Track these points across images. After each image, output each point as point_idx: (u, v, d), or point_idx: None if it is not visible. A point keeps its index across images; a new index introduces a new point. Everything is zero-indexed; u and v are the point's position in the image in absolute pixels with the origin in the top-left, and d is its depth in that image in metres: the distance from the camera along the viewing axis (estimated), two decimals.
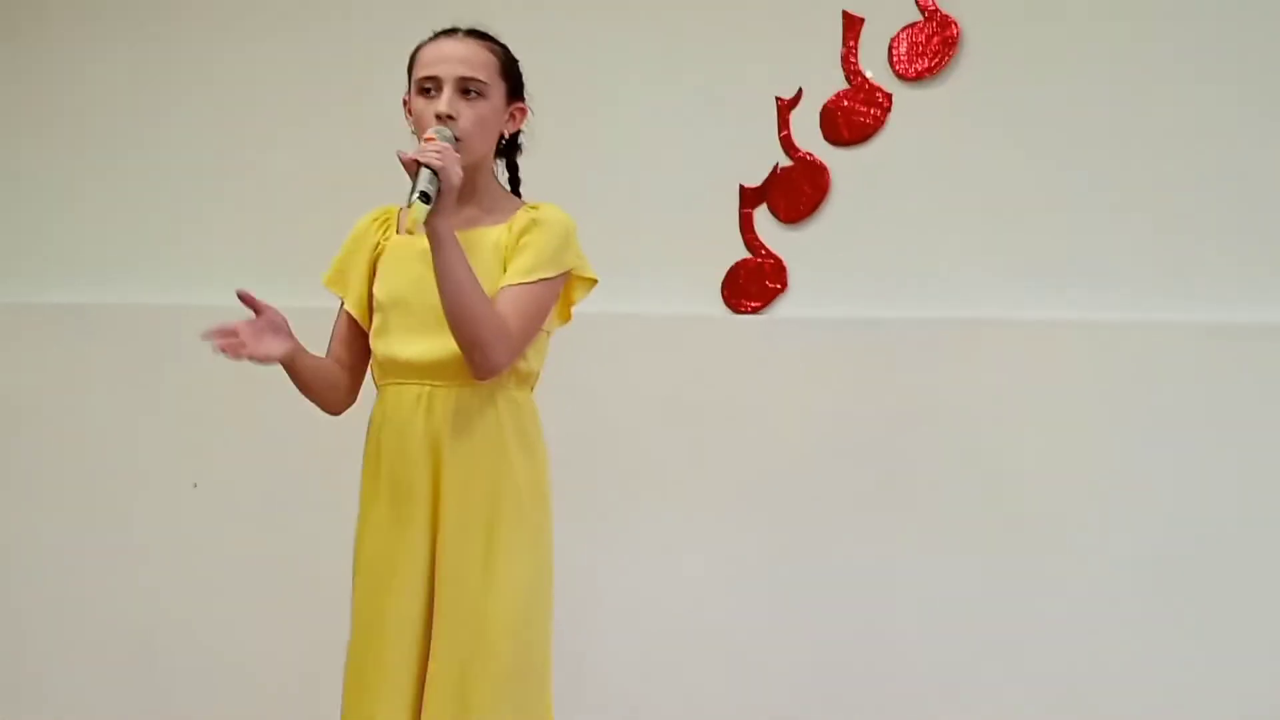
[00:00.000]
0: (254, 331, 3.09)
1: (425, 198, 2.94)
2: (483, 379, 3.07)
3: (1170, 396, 4.21)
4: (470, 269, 3.02)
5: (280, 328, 3.13)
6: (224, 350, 3.04)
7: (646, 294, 4.51)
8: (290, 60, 4.87)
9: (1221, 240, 4.22)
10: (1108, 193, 4.28)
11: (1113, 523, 4.23)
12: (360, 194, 3.44)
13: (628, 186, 4.56)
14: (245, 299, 3.11)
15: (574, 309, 3.25)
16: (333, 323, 3.30)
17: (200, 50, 4.96)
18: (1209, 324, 4.18)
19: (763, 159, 4.51)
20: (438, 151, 2.99)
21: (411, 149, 3.03)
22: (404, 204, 3.00)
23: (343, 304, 3.27)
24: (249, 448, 4.85)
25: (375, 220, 3.28)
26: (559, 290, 3.17)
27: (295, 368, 3.18)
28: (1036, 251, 4.32)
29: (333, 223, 3.42)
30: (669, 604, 4.50)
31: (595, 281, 3.22)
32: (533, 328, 3.11)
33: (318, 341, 3.29)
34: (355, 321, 3.26)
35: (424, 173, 2.96)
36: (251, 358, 3.07)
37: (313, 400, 3.26)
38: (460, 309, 3.01)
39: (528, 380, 3.18)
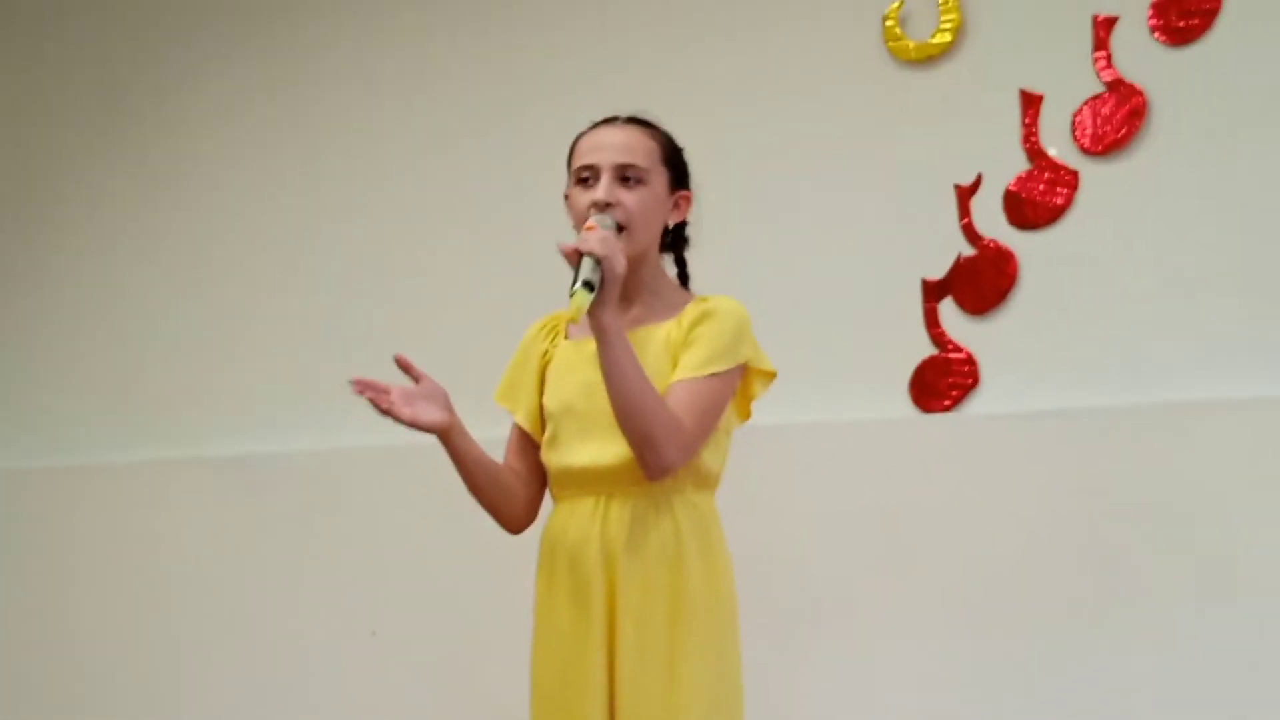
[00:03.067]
0: (408, 396, 2.95)
1: (589, 286, 2.81)
2: (656, 479, 2.92)
3: None
4: (638, 363, 2.89)
5: (437, 398, 2.97)
6: (371, 401, 2.90)
7: (829, 399, 4.29)
8: (443, 177, 4.83)
9: None
10: None
11: None
12: (522, 309, 3.28)
13: (804, 287, 4.37)
14: (403, 364, 2.98)
15: (753, 405, 3.08)
16: (505, 443, 3.15)
17: (347, 180, 4.96)
18: None
19: (944, 249, 4.29)
20: (600, 239, 2.86)
21: (571, 241, 2.90)
22: (567, 296, 2.85)
23: (514, 418, 3.13)
24: (427, 593, 4.72)
25: (543, 328, 3.15)
26: (734, 385, 3.01)
27: (457, 453, 3.01)
28: (1245, 326, 4.03)
29: (495, 344, 3.28)
30: None
31: (774, 375, 3.06)
32: (707, 424, 2.95)
33: None
34: (528, 435, 3.11)
35: (586, 261, 2.84)
36: (400, 419, 2.92)
37: (489, 509, 3.09)
38: (629, 404, 2.87)
39: (707, 482, 3.01)
